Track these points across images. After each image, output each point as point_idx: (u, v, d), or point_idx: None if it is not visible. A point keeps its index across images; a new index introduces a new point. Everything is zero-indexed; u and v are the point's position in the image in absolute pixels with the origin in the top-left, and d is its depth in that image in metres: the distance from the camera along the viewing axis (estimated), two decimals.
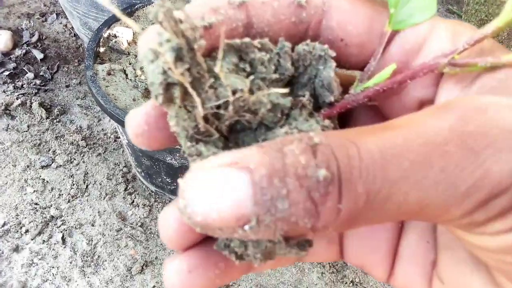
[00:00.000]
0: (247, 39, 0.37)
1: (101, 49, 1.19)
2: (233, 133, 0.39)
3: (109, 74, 1.12)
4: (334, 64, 0.38)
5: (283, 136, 0.34)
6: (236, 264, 0.35)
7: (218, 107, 0.36)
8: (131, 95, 1.07)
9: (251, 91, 0.36)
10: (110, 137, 1.48)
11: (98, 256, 1.20)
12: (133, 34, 1.22)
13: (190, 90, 0.34)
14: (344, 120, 0.46)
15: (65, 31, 1.87)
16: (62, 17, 1.90)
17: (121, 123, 0.97)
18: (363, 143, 0.28)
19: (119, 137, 1.47)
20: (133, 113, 0.40)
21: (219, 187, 0.28)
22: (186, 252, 0.38)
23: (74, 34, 1.83)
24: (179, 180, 0.31)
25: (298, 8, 0.39)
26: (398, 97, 0.41)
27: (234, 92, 0.35)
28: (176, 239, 0.37)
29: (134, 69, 1.14)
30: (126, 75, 1.14)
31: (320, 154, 0.28)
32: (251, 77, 0.37)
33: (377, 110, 0.44)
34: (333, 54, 0.38)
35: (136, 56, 1.19)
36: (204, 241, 0.38)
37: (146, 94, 1.09)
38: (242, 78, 0.37)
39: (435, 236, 0.40)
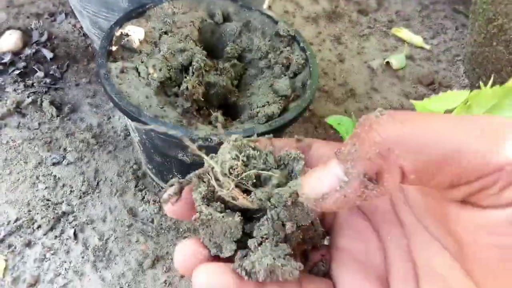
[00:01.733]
0: (245, 140, 0.47)
1: (113, 48, 1.21)
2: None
3: (122, 72, 1.14)
4: (303, 162, 0.47)
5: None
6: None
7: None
8: (144, 93, 1.08)
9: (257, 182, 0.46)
10: (120, 134, 1.50)
11: (110, 251, 1.22)
12: (145, 33, 1.24)
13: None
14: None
15: (74, 31, 1.89)
16: (71, 17, 1.93)
17: (135, 120, 0.99)
18: None
19: (129, 135, 1.49)
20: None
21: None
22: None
23: (83, 34, 1.86)
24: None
25: None
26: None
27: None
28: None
29: (146, 67, 1.16)
30: (139, 73, 1.16)
31: None
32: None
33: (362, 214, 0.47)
34: (303, 156, 0.47)
35: (147, 54, 1.20)
36: None
37: (158, 91, 1.10)
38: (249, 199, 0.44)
39: None
